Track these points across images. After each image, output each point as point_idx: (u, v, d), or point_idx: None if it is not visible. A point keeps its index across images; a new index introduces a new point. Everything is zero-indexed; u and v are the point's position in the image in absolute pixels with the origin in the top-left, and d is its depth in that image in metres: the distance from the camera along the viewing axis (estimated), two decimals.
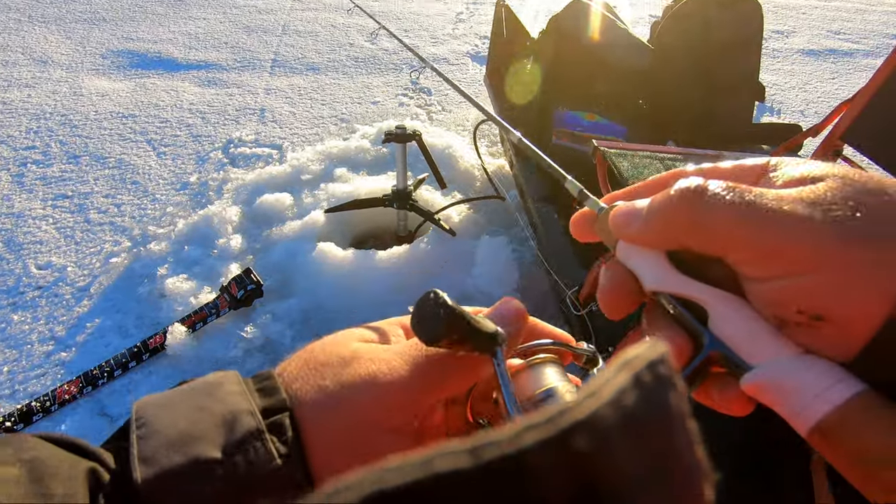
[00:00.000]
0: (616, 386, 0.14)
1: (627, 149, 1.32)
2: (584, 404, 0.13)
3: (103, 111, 2.79)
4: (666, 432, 0.14)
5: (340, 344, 0.28)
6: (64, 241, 1.98)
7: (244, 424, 0.23)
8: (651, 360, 0.15)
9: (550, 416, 0.13)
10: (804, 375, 0.20)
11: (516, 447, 0.12)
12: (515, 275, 1.80)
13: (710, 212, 0.21)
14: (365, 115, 2.87)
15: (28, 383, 1.50)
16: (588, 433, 0.13)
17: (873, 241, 0.19)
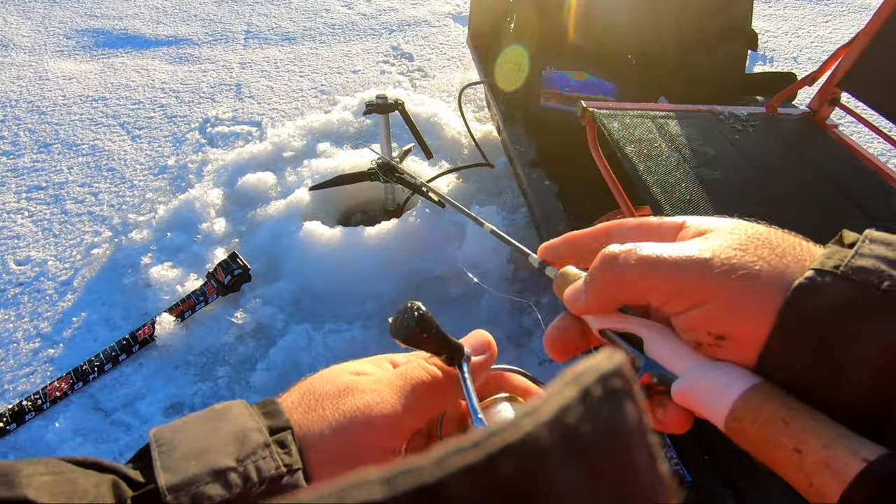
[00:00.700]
0: (559, 403, 0.13)
1: (618, 108, 1.27)
2: (519, 425, 0.12)
3: (72, 95, 2.67)
4: (618, 450, 0.14)
5: (336, 377, 0.32)
6: (42, 234, 1.92)
7: (253, 439, 0.26)
8: (604, 372, 0.14)
9: (478, 439, 0.12)
10: (715, 375, 0.25)
11: (437, 475, 0.11)
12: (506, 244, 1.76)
13: (623, 272, 0.27)
14: (346, 86, 2.77)
15: (17, 382, 1.48)
16: (519, 457, 0.12)
17: (748, 275, 0.24)
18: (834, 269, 0.23)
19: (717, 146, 1.18)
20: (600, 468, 0.13)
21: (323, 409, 0.29)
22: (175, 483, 0.24)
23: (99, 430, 1.38)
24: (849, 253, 0.24)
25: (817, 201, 1.05)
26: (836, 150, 1.22)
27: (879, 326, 0.22)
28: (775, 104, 1.39)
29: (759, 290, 0.24)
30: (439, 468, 0.11)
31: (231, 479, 0.25)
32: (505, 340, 1.57)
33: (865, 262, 0.23)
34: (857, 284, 0.23)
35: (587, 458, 0.13)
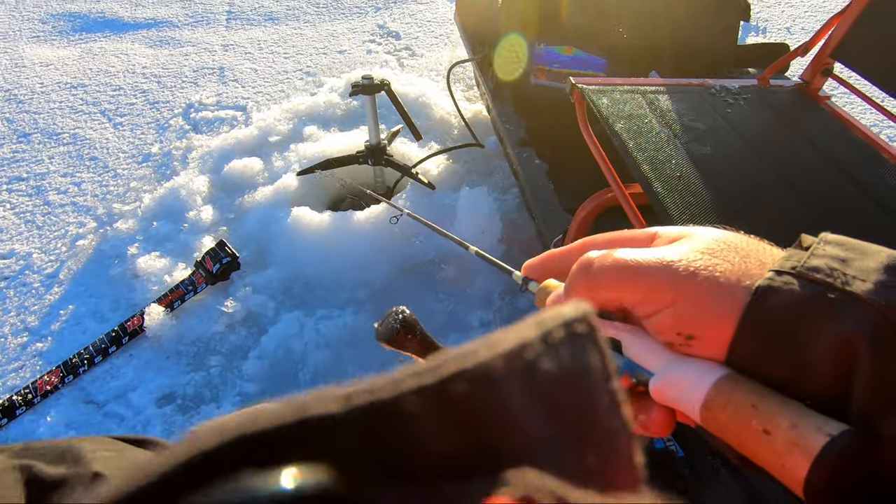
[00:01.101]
0: (517, 339, 0.13)
1: (607, 84, 1.24)
2: (475, 353, 0.13)
3: (49, 82, 2.59)
4: (578, 390, 0.14)
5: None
6: (25, 226, 1.89)
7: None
8: (567, 318, 0.14)
9: (435, 364, 0.13)
10: (688, 369, 0.26)
11: (392, 393, 0.12)
12: (499, 224, 1.75)
13: (597, 278, 0.28)
14: (331, 67, 2.71)
15: (6, 377, 1.46)
16: (471, 382, 0.12)
17: (713, 277, 0.26)
18: (791, 269, 0.25)
19: (708, 120, 1.15)
20: (556, 404, 0.14)
21: None
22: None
23: (92, 423, 1.37)
24: (805, 254, 0.26)
25: (809, 174, 1.04)
26: (828, 121, 1.20)
27: (834, 322, 0.23)
28: (767, 76, 1.37)
29: (723, 292, 0.25)
30: (394, 387, 0.12)
31: None
32: (499, 322, 1.57)
33: (820, 263, 0.25)
34: (813, 283, 0.24)
35: (542, 393, 0.13)
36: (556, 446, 0.13)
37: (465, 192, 1.81)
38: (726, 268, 0.26)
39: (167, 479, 0.10)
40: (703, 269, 0.26)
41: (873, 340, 0.22)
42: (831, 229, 0.28)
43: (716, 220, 0.92)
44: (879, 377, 0.22)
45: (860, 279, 0.24)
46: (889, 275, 0.24)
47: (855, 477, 0.22)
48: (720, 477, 1.02)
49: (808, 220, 0.94)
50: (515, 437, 0.13)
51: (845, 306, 0.23)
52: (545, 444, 0.13)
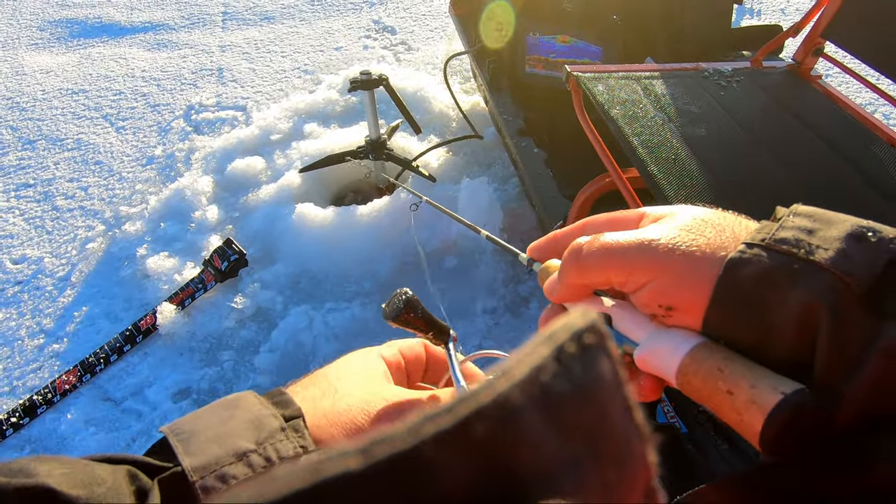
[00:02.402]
0: (532, 363, 0.13)
1: (602, 71, 1.26)
2: (492, 387, 0.13)
3: (51, 89, 2.62)
4: (592, 404, 0.14)
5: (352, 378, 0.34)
6: (35, 231, 1.92)
7: (269, 424, 0.28)
8: (576, 329, 0.14)
9: (451, 404, 0.12)
10: (667, 339, 0.28)
11: (411, 442, 0.12)
12: (500, 214, 1.77)
13: (586, 261, 0.30)
14: (329, 64, 2.72)
15: (25, 378, 1.50)
16: (491, 419, 0.12)
17: (689, 252, 0.28)
18: (761, 241, 0.26)
19: (703, 104, 1.18)
20: (574, 423, 0.14)
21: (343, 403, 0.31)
22: (200, 464, 0.25)
23: (111, 420, 1.41)
24: (775, 226, 0.27)
25: (802, 153, 1.06)
26: (820, 101, 1.22)
27: (798, 290, 0.24)
28: (760, 58, 1.38)
29: (698, 266, 0.27)
30: (413, 435, 0.12)
31: (253, 460, 0.26)
32: (503, 309, 1.60)
33: (787, 234, 0.26)
34: (780, 254, 0.26)
35: (560, 415, 0.13)
36: (575, 465, 0.13)
37: (465, 183, 1.83)
38: (702, 243, 0.27)
39: None
40: (680, 246, 0.27)
41: (833, 308, 0.24)
42: (824, 207, 0.29)
43: (711, 201, 0.94)
44: (839, 343, 0.23)
45: (823, 248, 0.25)
46: (850, 243, 0.25)
47: (806, 431, 0.23)
48: (722, 453, 1.06)
49: (801, 198, 0.96)
50: (536, 464, 0.13)
51: (808, 275, 0.24)
52: (565, 465, 0.13)
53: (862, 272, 0.24)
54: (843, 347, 0.23)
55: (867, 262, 0.24)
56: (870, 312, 0.23)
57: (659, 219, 0.31)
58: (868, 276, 0.24)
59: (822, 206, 0.30)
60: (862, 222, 0.26)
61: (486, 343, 1.54)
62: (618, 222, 0.33)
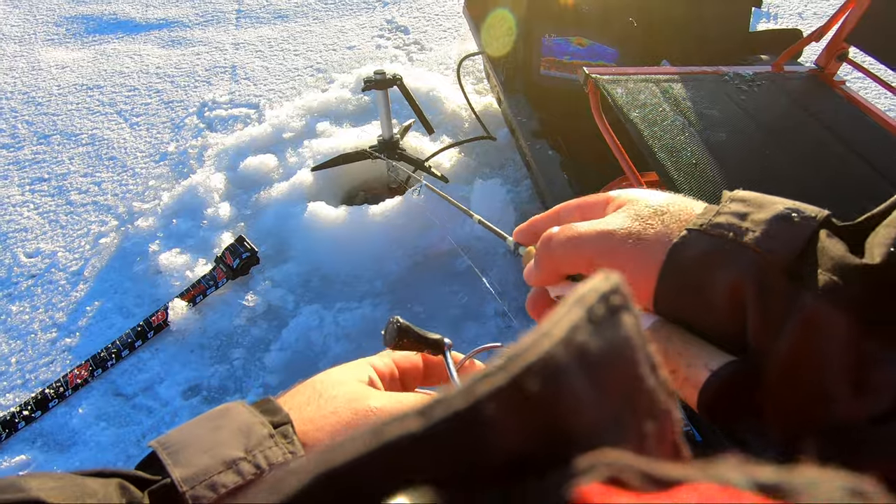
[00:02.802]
0: (568, 323, 0.14)
1: (621, 74, 1.25)
2: (536, 346, 0.13)
3: (66, 84, 2.64)
4: (625, 361, 0.15)
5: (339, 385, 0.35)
6: (49, 226, 1.93)
7: (258, 432, 0.28)
8: (603, 291, 0.15)
9: (501, 363, 0.13)
10: None
11: (468, 401, 0.12)
12: (512, 216, 1.76)
13: (555, 251, 0.33)
14: (342, 63, 2.72)
15: (38, 371, 1.51)
16: (540, 375, 0.13)
17: (639, 240, 0.30)
18: (700, 227, 0.29)
19: (723, 108, 1.16)
20: (611, 381, 0.14)
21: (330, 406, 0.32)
22: (190, 475, 0.26)
23: (122, 415, 1.42)
24: (714, 211, 0.30)
25: (826, 160, 1.04)
26: (844, 106, 1.20)
27: (727, 269, 0.27)
28: (781, 62, 1.36)
29: (646, 252, 0.30)
30: (469, 394, 0.12)
31: (243, 468, 0.26)
32: (514, 311, 1.59)
33: (722, 219, 0.29)
34: (714, 238, 0.28)
35: (599, 373, 0.14)
36: (616, 422, 0.14)
37: (478, 184, 1.83)
38: (650, 232, 0.30)
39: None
40: (631, 235, 0.30)
41: (757, 283, 0.26)
42: (848, 214, 0.30)
43: None
44: (763, 311, 0.26)
45: (752, 230, 0.27)
46: (775, 224, 0.27)
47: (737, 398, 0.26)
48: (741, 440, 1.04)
49: (824, 205, 0.95)
50: (582, 421, 0.13)
51: (736, 255, 0.27)
52: (607, 422, 0.14)
53: (783, 249, 0.27)
54: (768, 315, 0.26)
55: (789, 240, 0.27)
56: (791, 283, 0.26)
57: (621, 205, 0.33)
58: (788, 252, 0.26)
59: (845, 212, 0.31)
60: (789, 204, 0.29)
61: None
62: (587, 206, 0.36)
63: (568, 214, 0.36)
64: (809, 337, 0.25)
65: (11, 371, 1.52)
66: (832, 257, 0.26)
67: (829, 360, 0.25)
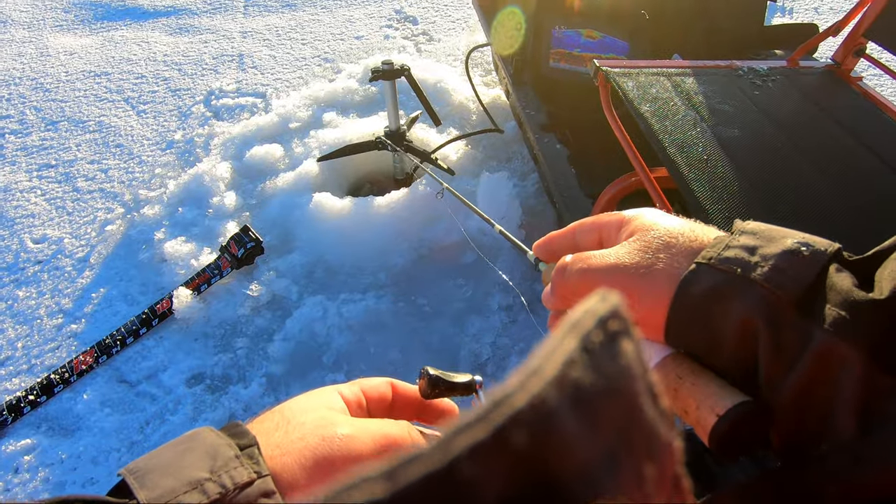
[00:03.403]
0: (561, 358, 0.13)
1: (632, 67, 1.22)
2: (525, 388, 0.12)
3: (74, 71, 2.64)
4: (622, 394, 0.14)
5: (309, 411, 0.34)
6: (56, 212, 1.94)
7: (224, 453, 0.28)
8: (601, 315, 0.14)
9: (482, 411, 0.11)
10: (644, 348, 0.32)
11: (444, 460, 0.10)
12: (518, 210, 1.75)
13: (568, 280, 0.35)
14: (349, 52, 2.71)
15: (43, 357, 1.52)
16: (528, 425, 0.11)
17: (648, 274, 0.31)
18: (709, 261, 0.29)
19: (736, 103, 1.14)
20: (606, 417, 0.13)
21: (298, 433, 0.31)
22: (155, 496, 0.26)
23: (125, 402, 1.42)
24: (723, 245, 0.30)
25: (841, 158, 1.02)
26: (861, 103, 1.17)
27: (737, 305, 0.27)
28: (797, 57, 1.34)
29: (656, 285, 0.31)
30: (445, 451, 0.11)
31: (208, 488, 0.27)
32: (519, 306, 1.58)
33: (731, 253, 0.29)
34: (722, 273, 0.28)
35: (593, 410, 0.13)
36: (611, 460, 0.13)
37: (484, 177, 1.81)
38: (659, 266, 0.31)
39: None
40: (640, 267, 0.31)
41: (768, 319, 0.26)
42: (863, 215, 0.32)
43: (743, 205, 0.91)
44: (774, 347, 0.26)
45: (761, 265, 0.28)
46: (784, 259, 0.27)
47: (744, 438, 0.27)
48: (743, 465, 1.03)
49: (838, 205, 0.93)
50: (575, 465, 0.12)
51: (745, 290, 0.27)
52: (602, 461, 0.13)
53: (792, 285, 0.27)
54: (779, 350, 0.26)
55: (798, 275, 0.27)
56: (802, 318, 0.26)
57: (634, 231, 0.34)
58: (797, 287, 0.27)
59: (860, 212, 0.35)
60: (798, 237, 0.29)
61: (501, 340, 1.52)
62: (601, 226, 0.37)
63: (583, 234, 0.37)
64: (821, 371, 0.25)
65: (18, 356, 1.53)
66: (839, 292, 0.26)
67: (839, 395, 0.25)
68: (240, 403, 1.40)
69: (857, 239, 0.85)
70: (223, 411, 1.38)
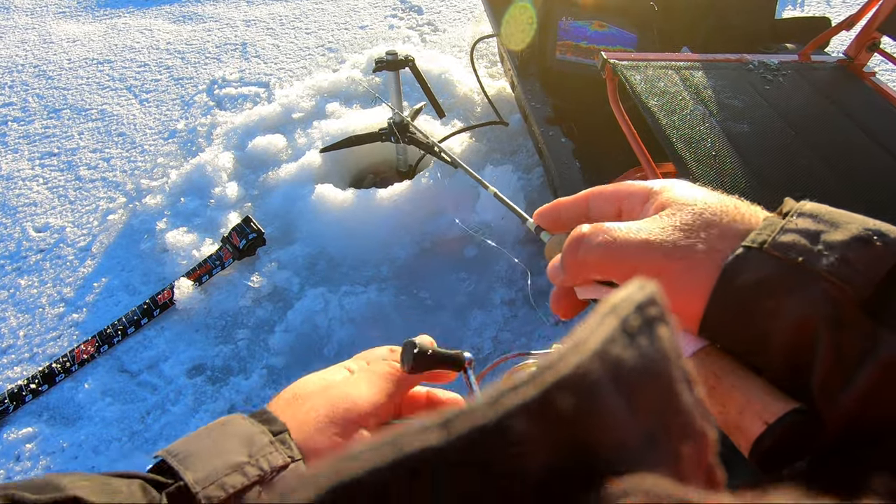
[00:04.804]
0: (602, 335, 0.13)
1: (640, 59, 1.20)
2: (568, 358, 0.12)
3: (77, 58, 2.62)
4: (661, 377, 0.14)
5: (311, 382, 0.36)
6: (58, 200, 1.94)
7: (259, 440, 0.31)
8: (639, 301, 0.14)
9: (531, 375, 0.12)
10: None
11: (493, 415, 0.11)
12: (523, 203, 1.73)
13: (586, 256, 0.29)
14: (353, 42, 2.68)
15: (45, 346, 1.52)
16: (573, 390, 0.12)
17: (686, 256, 0.27)
18: (761, 244, 0.25)
19: (746, 98, 1.12)
20: (645, 397, 0.13)
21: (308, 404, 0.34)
22: (201, 477, 0.28)
23: (126, 391, 1.42)
24: (778, 227, 0.26)
25: (853, 155, 1.00)
26: (874, 100, 1.15)
27: (792, 302, 0.24)
28: (808, 51, 1.31)
29: (695, 270, 0.26)
30: (495, 408, 0.11)
31: (248, 471, 0.29)
32: (521, 300, 1.57)
33: (788, 238, 0.25)
34: (777, 261, 0.24)
35: (632, 389, 0.13)
36: (649, 441, 0.13)
37: (488, 170, 1.79)
38: (700, 246, 0.27)
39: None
40: (678, 249, 0.27)
41: (831, 319, 0.23)
42: (873, 213, 0.26)
43: (753, 202, 0.89)
44: (836, 352, 0.23)
45: (825, 254, 0.24)
46: (853, 249, 0.24)
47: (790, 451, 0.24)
48: None
49: (850, 203, 0.91)
50: (614, 440, 0.12)
51: (806, 283, 0.24)
52: (640, 441, 0.13)
53: (862, 280, 0.23)
54: (843, 356, 0.23)
55: (869, 269, 0.23)
56: (869, 320, 0.23)
57: (663, 205, 0.29)
58: (868, 284, 0.23)
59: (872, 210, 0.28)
60: (870, 223, 0.24)
61: (503, 335, 1.51)
62: (623, 196, 0.32)
63: (599, 203, 0.32)
64: (889, 381, 0.22)
65: (19, 344, 1.53)
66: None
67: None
68: (240, 395, 1.39)
69: None
70: (224, 402, 1.38)
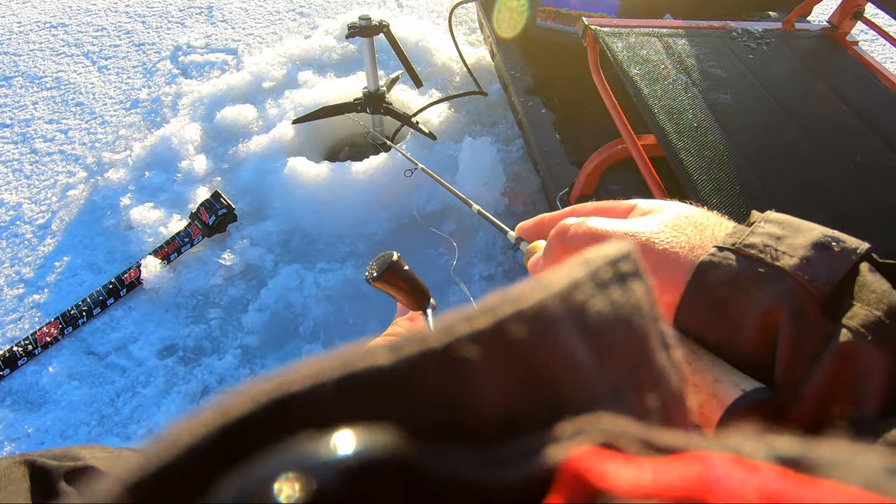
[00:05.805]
0: (568, 279, 0.13)
1: (622, 26, 1.16)
2: (529, 295, 0.12)
3: (27, 21, 2.45)
4: (633, 331, 0.14)
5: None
6: (13, 175, 1.83)
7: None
8: (612, 257, 0.14)
9: (490, 306, 0.12)
10: None
11: (444, 341, 0.11)
12: (502, 178, 1.70)
13: (570, 244, 0.31)
14: (326, 6, 2.55)
15: (5, 328, 1.46)
16: (529, 323, 0.12)
17: (668, 248, 0.28)
18: (732, 245, 0.27)
19: (729, 66, 1.09)
20: (613, 348, 0.13)
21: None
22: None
23: (94, 374, 1.38)
24: (747, 231, 0.28)
25: (835, 125, 0.99)
26: (856, 69, 1.13)
27: (761, 293, 0.26)
28: (792, 19, 1.28)
29: (674, 262, 0.28)
30: (446, 334, 0.11)
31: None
32: (500, 275, 1.55)
33: (756, 239, 0.27)
34: (747, 259, 0.27)
35: (600, 336, 0.13)
36: (616, 392, 0.13)
37: (467, 142, 1.74)
38: (681, 241, 0.29)
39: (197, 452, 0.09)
40: (661, 242, 0.29)
41: (793, 312, 0.25)
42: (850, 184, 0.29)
43: (734, 174, 0.88)
44: (798, 344, 0.25)
45: (789, 255, 0.26)
46: (815, 251, 0.26)
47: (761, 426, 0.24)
48: None
49: (831, 174, 0.90)
50: (575, 383, 0.12)
51: (772, 280, 0.26)
52: (606, 392, 0.13)
53: (822, 280, 0.25)
54: (802, 348, 0.25)
55: (828, 271, 0.25)
56: (828, 317, 0.25)
57: (648, 213, 0.31)
58: (828, 284, 0.25)
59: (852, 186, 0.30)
60: (828, 232, 0.27)
61: None
62: (605, 212, 0.34)
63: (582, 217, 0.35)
64: (843, 373, 0.24)
65: None
66: (876, 292, 0.25)
67: (862, 398, 0.24)
68: (214, 375, 1.36)
69: (843, 208, 0.82)
70: (196, 383, 1.34)
